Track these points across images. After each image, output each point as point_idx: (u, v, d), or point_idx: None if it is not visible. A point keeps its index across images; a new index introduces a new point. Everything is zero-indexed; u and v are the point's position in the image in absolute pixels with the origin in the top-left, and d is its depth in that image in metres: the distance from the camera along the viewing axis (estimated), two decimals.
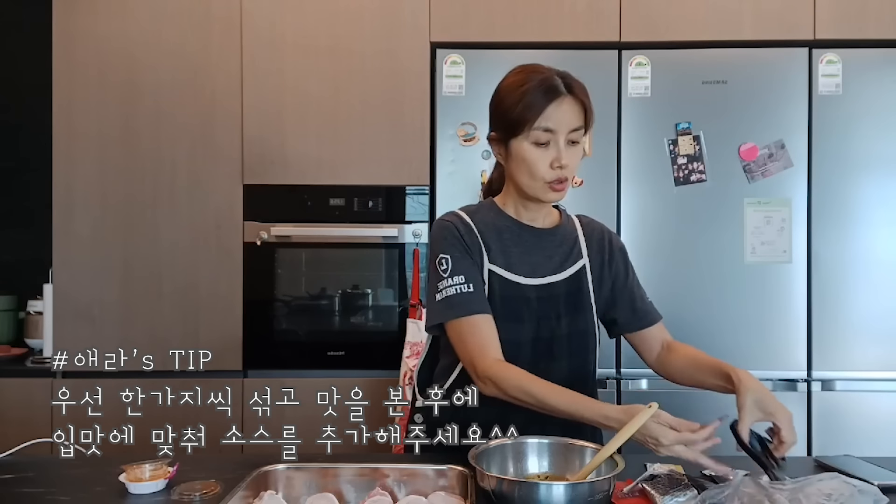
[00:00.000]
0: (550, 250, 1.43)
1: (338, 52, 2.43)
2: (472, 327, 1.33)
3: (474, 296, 1.34)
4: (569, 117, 1.32)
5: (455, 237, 1.38)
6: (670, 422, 1.15)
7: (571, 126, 1.33)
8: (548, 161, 1.32)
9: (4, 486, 1.21)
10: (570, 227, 1.49)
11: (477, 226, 1.40)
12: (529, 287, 1.39)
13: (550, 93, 1.30)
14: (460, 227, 1.39)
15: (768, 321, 2.34)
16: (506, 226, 1.42)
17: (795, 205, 2.35)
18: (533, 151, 1.32)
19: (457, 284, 1.34)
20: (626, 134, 2.38)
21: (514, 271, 1.39)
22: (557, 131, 1.31)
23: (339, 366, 2.42)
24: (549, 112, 1.30)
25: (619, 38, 2.42)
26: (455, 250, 1.37)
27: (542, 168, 1.32)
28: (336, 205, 2.45)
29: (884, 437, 2.31)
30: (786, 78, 2.36)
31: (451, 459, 1.23)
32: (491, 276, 1.38)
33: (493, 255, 1.39)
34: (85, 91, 2.42)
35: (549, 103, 1.30)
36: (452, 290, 1.34)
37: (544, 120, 1.30)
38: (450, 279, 1.34)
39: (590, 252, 1.47)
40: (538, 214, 1.45)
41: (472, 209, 1.46)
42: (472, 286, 1.34)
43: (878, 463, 1.33)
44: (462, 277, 1.34)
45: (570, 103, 1.32)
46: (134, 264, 2.42)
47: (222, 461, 1.35)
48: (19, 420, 2.37)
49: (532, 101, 1.30)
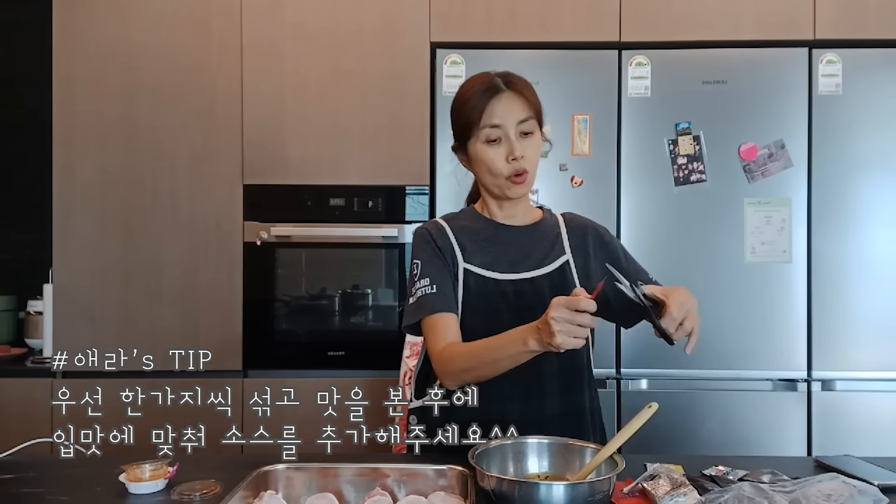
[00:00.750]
0: (529, 247, 1.46)
1: (338, 52, 2.44)
2: (430, 326, 1.40)
3: (436, 296, 1.40)
4: (512, 110, 1.38)
5: (426, 242, 1.46)
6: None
7: (518, 118, 1.39)
8: (503, 156, 1.38)
9: (4, 486, 1.21)
10: (553, 224, 1.52)
11: (453, 229, 1.47)
12: (505, 282, 1.42)
13: (490, 91, 1.38)
14: (433, 232, 1.47)
15: (768, 321, 2.34)
16: (482, 227, 1.48)
17: (795, 205, 2.35)
18: (487, 150, 1.39)
19: (423, 286, 1.41)
20: (626, 134, 2.38)
21: (491, 269, 1.43)
22: (504, 125, 1.38)
23: (339, 366, 2.42)
24: (492, 109, 1.37)
25: (619, 38, 2.42)
26: (424, 255, 1.44)
27: (499, 164, 1.39)
28: (336, 205, 2.45)
29: (884, 437, 2.31)
30: (786, 78, 2.36)
31: (451, 459, 1.23)
32: (467, 275, 1.43)
33: (469, 254, 1.44)
34: (85, 91, 2.42)
35: (489, 100, 1.38)
36: (420, 291, 1.41)
37: (488, 117, 1.38)
38: (419, 282, 1.42)
39: (572, 247, 1.49)
40: (515, 212, 1.49)
41: (452, 215, 1.54)
42: (436, 287, 1.40)
43: (878, 463, 1.33)
44: (427, 280, 1.41)
45: (510, 97, 1.39)
46: (134, 264, 2.42)
47: (222, 461, 1.35)
48: (19, 420, 2.37)
49: (475, 103, 1.39)
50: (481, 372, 1.31)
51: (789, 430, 2.34)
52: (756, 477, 1.25)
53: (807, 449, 2.32)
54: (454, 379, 1.35)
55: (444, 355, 1.36)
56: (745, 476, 1.26)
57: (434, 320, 1.40)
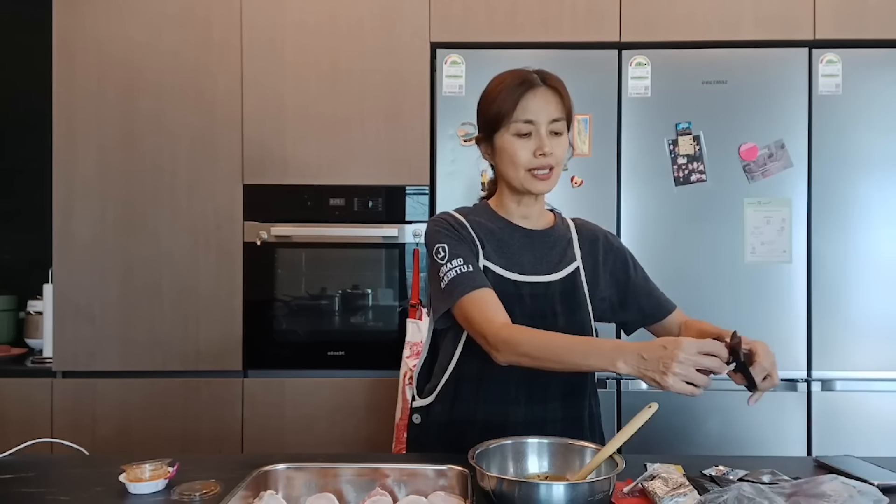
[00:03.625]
0: (542, 252, 1.45)
1: (338, 51, 2.44)
2: (475, 302, 1.33)
3: (474, 273, 1.35)
4: (547, 107, 1.37)
5: (447, 229, 1.42)
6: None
7: (551, 116, 1.37)
8: (530, 150, 1.36)
9: (4, 486, 1.21)
10: (564, 229, 1.51)
11: (471, 224, 1.43)
12: (523, 284, 1.40)
13: (525, 84, 1.37)
14: (453, 222, 1.43)
15: (768, 321, 2.34)
16: (498, 227, 1.45)
17: (795, 205, 2.35)
18: (515, 142, 1.37)
19: (455, 266, 1.36)
20: (626, 134, 2.38)
21: (507, 269, 1.41)
22: (537, 121, 1.36)
23: (339, 366, 2.41)
24: (527, 103, 1.36)
25: (619, 38, 2.42)
26: (450, 239, 1.40)
27: (525, 156, 1.36)
28: (336, 205, 2.45)
29: (884, 437, 2.31)
30: (786, 78, 2.36)
31: (451, 459, 1.23)
32: (485, 271, 1.40)
33: (487, 251, 1.42)
34: (85, 91, 2.42)
35: (524, 94, 1.36)
36: (453, 272, 1.35)
37: (522, 111, 1.36)
38: (448, 263, 1.36)
39: (583, 254, 1.48)
40: (531, 212, 1.47)
41: (466, 210, 1.49)
42: (471, 266, 1.36)
43: (878, 463, 1.33)
44: (460, 259, 1.36)
45: (545, 93, 1.38)
46: (134, 264, 2.42)
47: (222, 461, 1.35)
48: (19, 420, 2.37)
49: (509, 95, 1.36)
50: (544, 364, 1.24)
51: (789, 430, 2.34)
52: (756, 477, 1.25)
53: (807, 449, 2.32)
54: (511, 358, 1.26)
55: (504, 332, 1.27)
56: (745, 476, 1.26)
57: (477, 296, 1.33)
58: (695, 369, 1.09)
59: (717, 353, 1.10)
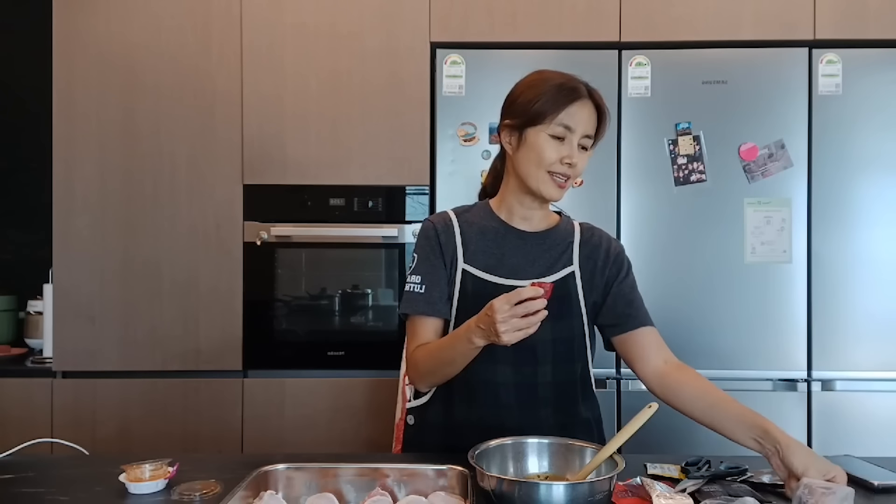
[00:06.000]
0: (535, 254, 1.44)
1: (338, 51, 2.44)
2: (413, 326, 1.44)
3: (422, 297, 1.42)
4: (587, 121, 1.38)
5: (428, 237, 1.46)
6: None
7: (587, 131, 1.38)
8: (560, 154, 1.36)
9: (4, 486, 1.21)
10: (567, 232, 1.49)
11: (461, 225, 1.45)
12: (504, 287, 1.37)
13: (574, 92, 1.37)
14: (439, 226, 1.46)
15: (768, 321, 2.34)
16: (491, 227, 1.46)
17: (795, 205, 2.35)
18: (548, 141, 1.36)
19: (413, 283, 1.44)
20: (626, 134, 2.38)
21: (491, 272, 1.41)
22: (575, 130, 1.36)
23: (339, 366, 2.41)
24: (572, 110, 1.36)
25: (619, 38, 2.42)
26: (423, 251, 1.46)
27: (553, 157, 1.36)
28: (336, 205, 2.45)
29: (884, 437, 2.31)
30: (786, 78, 2.36)
31: (452, 459, 1.23)
32: (464, 276, 1.42)
33: (471, 254, 1.43)
34: (85, 91, 2.42)
35: (572, 101, 1.36)
36: (409, 286, 1.44)
37: (567, 117, 1.35)
38: (411, 277, 1.45)
39: (581, 259, 1.45)
40: (533, 214, 1.46)
41: (463, 208, 1.52)
42: (424, 287, 1.43)
43: (878, 463, 1.33)
44: (418, 278, 1.44)
45: (590, 108, 1.39)
46: (134, 264, 2.42)
47: (222, 461, 1.35)
48: (19, 420, 2.37)
49: (557, 96, 1.35)
50: (445, 371, 1.35)
51: (789, 430, 2.30)
52: (756, 477, 1.25)
53: None
54: (423, 381, 1.40)
55: (411, 359, 1.41)
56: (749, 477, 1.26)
57: (414, 322, 1.44)
58: (518, 318, 1.15)
59: (527, 296, 1.15)
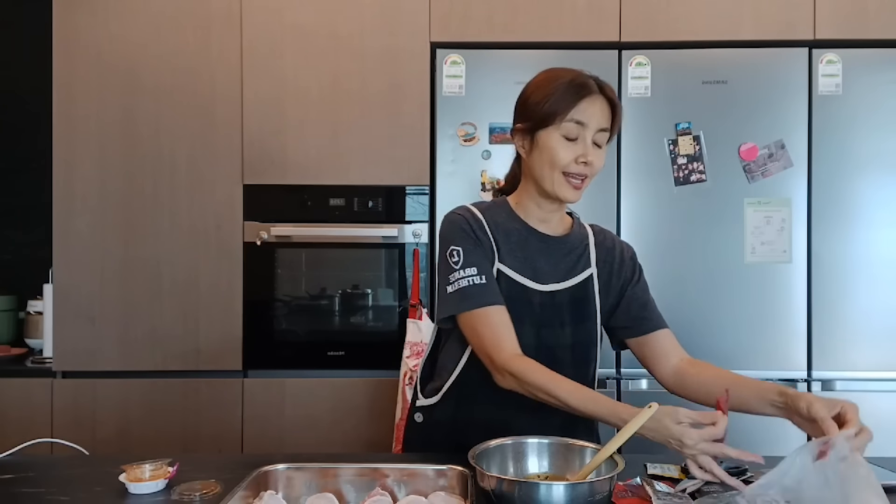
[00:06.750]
0: (557, 258, 1.43)
1: (338, 51, 2.44)
2: (485, 319, 1.32)
3: (487, 287, 1.34)
4: (599, 115, 1.34)
5: (465, 230, 1.38)
6: (691, 416, 1.14)
7: (600, 125, 1.35)
8: (574, 154, 1.33)
9: (4, 486, 1.21)
10: (582, 235, 1.48)
11: (488, 223, 1.40)
12: (534, 292, 1.38)
13: (584, 88, 1.34)
14: (472, 221, 1.40)
15: (768, 321, 2.34)
16: (515, 228, 1.42)
17: (795, 205, 2.35)
18: (561, 142, 1.34)
19: (469, 276, 1.34)
20: (626, 134, 2.38)
21: (520, 273, 1.39)
22: (588, 126, 1.33)
23: (339, 366, 2.41)
24: (582, 106, 1.33)
25: (619, 38, 2.42)
26: (466, 242, 1.37)
27: (567, 158, 1.33)
28: (336, 205, 2.45)
29: (884, 437, 2.29)
30: (786, 78, 2.36)
31: (451, 459, 1.23)
32: (499, 276, 1.38)
33: (503, 254, 1.39)
34: (85, 91, 2.42)
35: (582, 98, 1.33)
36: (465, 281, 1.34)
37: (577, 113, 1.33)
38: (462, 271, 1.34)
39: (598, 261, 1.46)
40: (552, 217, 1.44)
41: (484, 206, 1.45)
42: (485, 277, 1.34)
43: (878, 463, 1.33)
44: (474, 269, 1.34)
45: (601, 102, 1.35)
46: (134, 264, 2.42)
47: (222, 461, 1.35)
48: (19, 420, 2.37)
49: (565, 94, 1.33)
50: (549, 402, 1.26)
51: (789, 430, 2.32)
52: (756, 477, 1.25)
53: None
54: (517, 387, 1.29)
55: (515, 365, 1.28)
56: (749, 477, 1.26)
57: (488, 314, 1.32)
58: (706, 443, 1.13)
59: (717, 434, 1.15)
